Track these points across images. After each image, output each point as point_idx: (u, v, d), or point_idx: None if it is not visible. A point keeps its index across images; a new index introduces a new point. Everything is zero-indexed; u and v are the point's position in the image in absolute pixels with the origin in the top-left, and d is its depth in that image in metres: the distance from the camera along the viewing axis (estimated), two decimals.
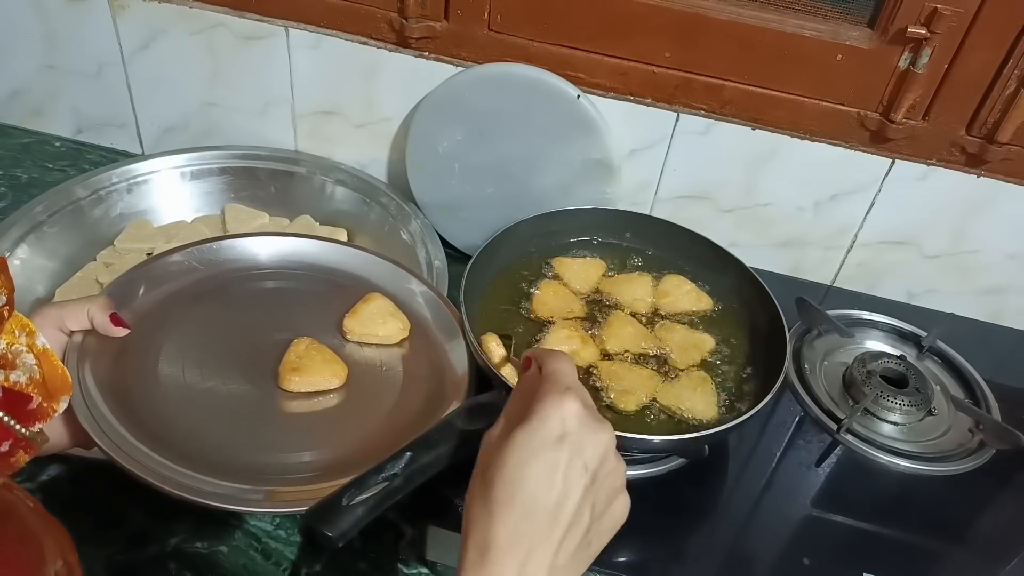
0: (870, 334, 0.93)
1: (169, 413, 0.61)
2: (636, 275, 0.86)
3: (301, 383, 0.65)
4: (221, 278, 0.74)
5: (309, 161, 1.00)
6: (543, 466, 0.44)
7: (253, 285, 0.75)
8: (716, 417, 0.73)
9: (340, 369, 0.68)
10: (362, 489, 0.51)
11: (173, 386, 0.63)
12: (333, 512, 0.50)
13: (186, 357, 0.66)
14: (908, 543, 0.72)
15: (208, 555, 0.65)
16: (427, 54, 0.92)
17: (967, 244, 0.93)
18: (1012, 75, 0.79)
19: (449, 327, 0.74)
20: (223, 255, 0.75)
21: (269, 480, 0.58)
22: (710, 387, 0.75)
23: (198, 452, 0.58)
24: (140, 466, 0.55)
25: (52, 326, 0.57)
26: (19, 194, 0.98)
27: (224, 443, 0.60)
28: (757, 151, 0.90)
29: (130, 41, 0.99)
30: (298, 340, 0.68)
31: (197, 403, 0.63)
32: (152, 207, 0.95)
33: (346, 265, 0.78)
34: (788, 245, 0.97)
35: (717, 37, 0.84)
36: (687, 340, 0.79)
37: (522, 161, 0.92)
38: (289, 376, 0.65)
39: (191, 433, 0.60)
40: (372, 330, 0.72)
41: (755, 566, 0.68)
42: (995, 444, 0.79)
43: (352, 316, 0.72)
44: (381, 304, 0.74)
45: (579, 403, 0.46)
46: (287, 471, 0.59)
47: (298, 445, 0.62)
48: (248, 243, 0.76)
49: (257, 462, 0.59)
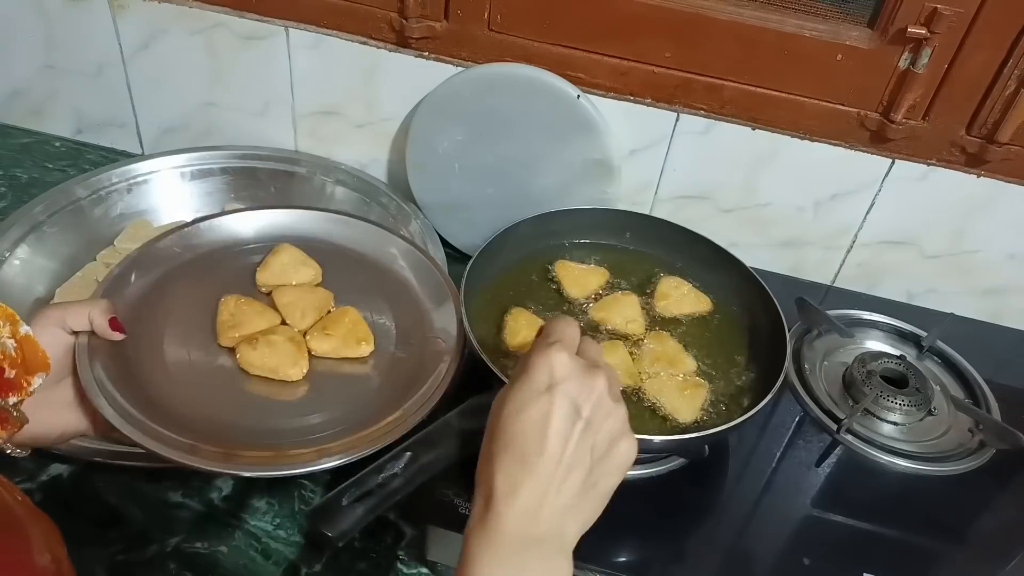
0: (870, 334, 0.93)
1: (179, 393, 0.64)
2: (621, 295, 0.83)
3: (237, 340, 0.69)
4: (208, 258, 0.76)
5: (309, 161, 1.00)
6: (533, 414, 0.46)
7: (240, 260, 0.77)
8: (695, 421, 0.72)
9: (273, 317, 0.71)
10: (362, 489, 0.51)
11: (180, 367, 0.67)
12: (333, 512, 0.50)
13: (189, 337, 0.69)
14: (908, 543, 0.71)
15: (208, 555, 0.65)
16: (427, 54, 0.92)
17: (967, 244, 0.93)
18: (1012, 75, 0.79)
19: (437, 290, 0.76)
20: (206, 236, 0.77)
21: (283, 444, 0.61)
22: (702, 392, 0.74)
23: (209, 425, 0.62)
24: (159, 445, 0.58)
25: (55, 325, 0.59)
26: (19, 194, 0.98)
27: (225, 411, 0.64)
28: (757, 151, 0.90)
29: (130, 41, 0.99)
30: (225, 298, 0.72)
31: (204, 380, 0.66)
32: (152, 207, 0.95)
33: (323, 231, 0.80)
34: (788, 245, 0.97)
35: (717, 37, 0.84)
36: (673, 357, 0.78)
37: (522, 161, 0.92)
38: (227, 333, 0.69)
39: (202, 409, 0.63)
40: (286, 280, 0.75)
41: (755, 566, 0.68)
42: (995, 444, 0.79)
43: (263, 269, 0.75)
44: (292, 254, 0.76)
45: (566, 353, 0.48)
46: (299, 434, 0.63)
47: (306, 409, 0.66)
48: (230, 220, 0.79)
49: (269, 427, 0.63)
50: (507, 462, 0.45)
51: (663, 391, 0.73)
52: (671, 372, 0.76)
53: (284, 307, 0.72)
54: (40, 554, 0.40)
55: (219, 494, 0.70)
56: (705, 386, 0.75)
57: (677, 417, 0.72)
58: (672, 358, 0.77)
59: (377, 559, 0.67)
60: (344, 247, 0.80)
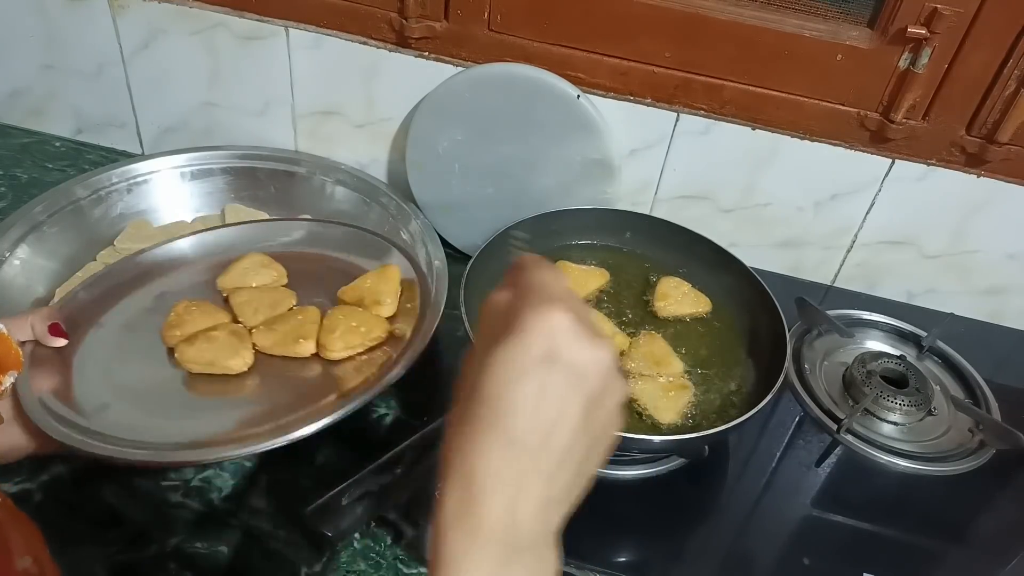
0: (870, 334, 0.93)
1: (126, 399, 0.65)
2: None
3: (178, 338, 0.70)
4: (167, 268, 0.77)
5: (309, 161, 1.00)
6: (530, 387, 0.36)
7: (204, 272, 0.78)
8: (676, 423, 0.72)
9: (222, 317, 0.72)
10: (361, 489, 0.51)
11: (128, 373, 0.67)
12: (332, 512, 0.50)
13: (139, 342, 0.70)
14: (908, 543, 0.72)
15: (208, 555, 0.65)
16: (427, 54, 0.92)
17: (967, 244, 0.93)
18: (1012, 75, 0.79)
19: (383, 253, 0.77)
20: (166, 255, 0.79)
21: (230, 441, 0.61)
22: (685, 395, 0.74)
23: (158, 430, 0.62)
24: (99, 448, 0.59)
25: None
26: (19, 194, 0.98)
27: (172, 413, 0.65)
28: (757, 151, 0.90)
29: (130, 41, 0.99)
30: (178, 302, 0.72)
31: (150, 384, 0.67)
32: (152, 207, 0.95)
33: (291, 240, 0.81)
34: (788, 245, 0.97)
35: (717, 37, 0.84)
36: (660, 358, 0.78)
37: (522, 161, 0.92)
38: (169, 332, 0.70)
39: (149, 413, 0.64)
40: (245, 283, 0.75)
41: (755, 566, 0.68)
42: (995, 444, 0.79)
43: (224, 274, 0.76)
44: (255, 259, 0.77)
45: (569, 315, 0.37)
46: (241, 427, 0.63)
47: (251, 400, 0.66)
48: (191, 241, 0.80)
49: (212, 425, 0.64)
50: (492, 444, 0.36)
51: (645, 391, 0.73)
52: (657, 372, 0.76)
53: (238, 305, 0.72)
54: (21, 558, 0.40)
55: (219, 494, 0.70)
56: (690, 388, 0.75)
57: (657, 417, 0.72)
58: (659, 359, 0.77)
59: (377, 559, 0.67)
60: (308, 252, 0.80)
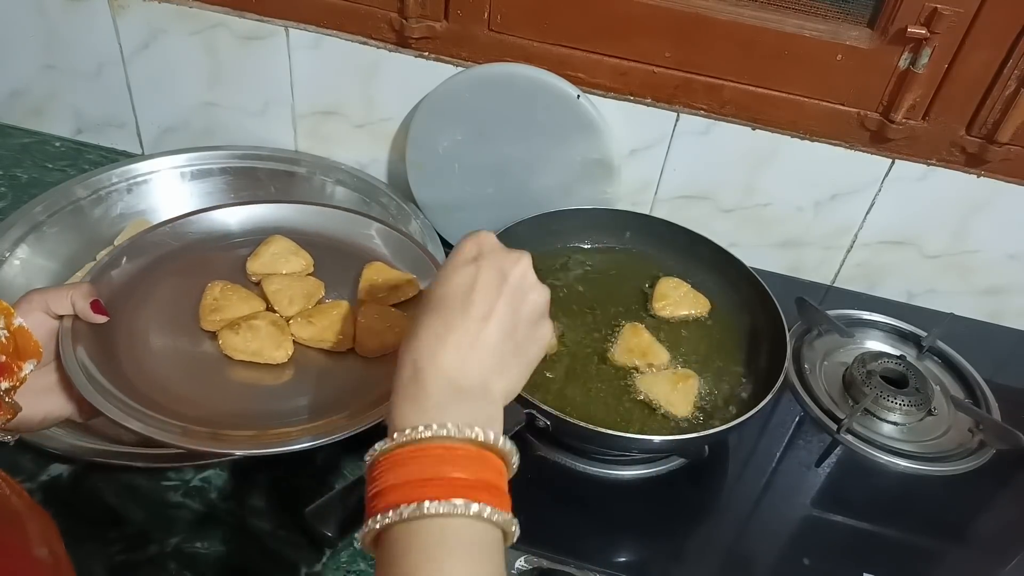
0: (870, 334, 0.93)
1: (163, 377, 0.64)
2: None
3: (219, 324, 0.69)
4: (198, 248, 0.76)
5: (309, 161, 1.00)
6: (460, 279, 0.47)
7: (231, 252, 0.77)
8: (690, 415, 0.73)
9: (257, 304, 0.71)
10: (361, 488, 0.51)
11: (165, 352, 0.66)
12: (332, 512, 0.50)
13: (174, 323, 0.69)
14: (908, 543, 0.72)
15: (208, 555, 0.65)
16: (427, 54, 0.92)
17: (967, 244, 0.93)
18: (1012, 75, 0.79)
19: (418, 264, 0.76)
20: (197, 227, 0.77)
21: (269, 425, 0.61)
22: (692, 384, 0.75)
23: (193, 408, 0.62)
24: (140, 424, 0.58)
25: (38, 310, 0.59)
26: (19, 194, 0.98)
27: (209, 395, 0.64)
28: (757, 151, 0.90)
29: (130, 41, 0.99)
30: (212, 284, 0.71)
31: (188, 364, 0.66)
32: (152, 207, 0.95)
33: (308, 223, 0.80)
34: (788, 245, 0.97)
35: (717, 37, 0.84)
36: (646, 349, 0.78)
37: (522, 161, 0.92)
38: (209, 317, 0.69)
39: (187, 393, 0.64)
40: (276, 269, 0.75)
41: (755, 566, 0.68)
42: (995, 444, 0.79)
43: (254, 259, 0.75)
44: (283, 244, 0.76)
45: (494, 236, 0.50)
46: (282, 416, 0.63)
47: (291, 392, 0.66)
48: (222, 214, 0.79)
49: (253, 410, 0.63)
50: (433, 322, 0.46)
51: (653, 386, 0.74)
52: (647, 364, 0.76)
53: (272, 294, 0.72)
54: (38, 547, 0.40)
55: (219, 494, 0.70)
56: (695, 376, 0.75)
57: (671, 410, 0.72)
58: (645, 350, 0.78)
59: None
60: (336, 239, 0.80)
